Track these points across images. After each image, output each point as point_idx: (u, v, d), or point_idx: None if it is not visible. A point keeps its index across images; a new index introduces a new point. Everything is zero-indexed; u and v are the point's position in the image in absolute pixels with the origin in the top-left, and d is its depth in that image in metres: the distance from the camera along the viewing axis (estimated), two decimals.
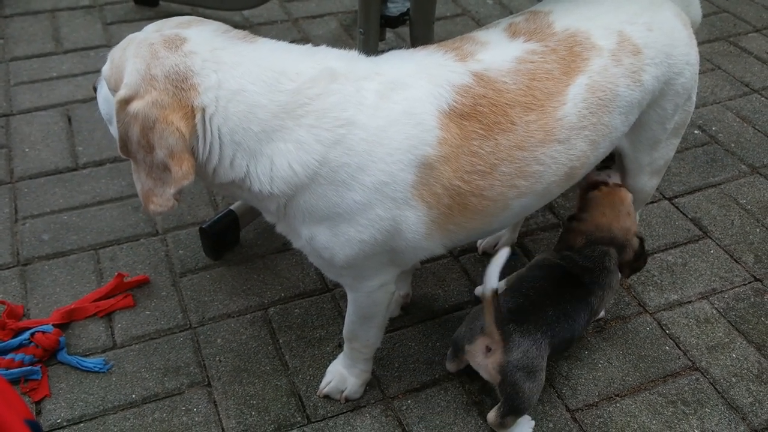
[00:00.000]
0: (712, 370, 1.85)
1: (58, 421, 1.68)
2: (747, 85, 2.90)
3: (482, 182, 1.35)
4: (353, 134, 1.26)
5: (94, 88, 1.46)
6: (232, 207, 2.11)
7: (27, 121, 2.56)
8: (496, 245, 2.14)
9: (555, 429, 1.71)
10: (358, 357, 1.70)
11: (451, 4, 3.39)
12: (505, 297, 1.61)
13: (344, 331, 1.66)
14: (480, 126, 1.32)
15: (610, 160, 1.75)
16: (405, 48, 1.47)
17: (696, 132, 2.66)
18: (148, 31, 1.33)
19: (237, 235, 2.15)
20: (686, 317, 1.98)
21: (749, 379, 1.83)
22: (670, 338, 1.93)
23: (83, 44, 2.97)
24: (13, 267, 2.04)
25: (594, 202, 1.74)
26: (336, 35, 3.12)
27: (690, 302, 2.03)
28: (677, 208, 2.34)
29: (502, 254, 1.45)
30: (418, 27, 2.14)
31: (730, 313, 1.99)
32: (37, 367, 1.76)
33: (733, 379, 1.83)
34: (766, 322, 1.97)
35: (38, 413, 1.69)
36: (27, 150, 2.45)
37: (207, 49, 1.26)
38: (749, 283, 2.09)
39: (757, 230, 2.26)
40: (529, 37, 1.43)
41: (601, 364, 1.86)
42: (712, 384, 1.82)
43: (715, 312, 2.00)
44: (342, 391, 1.73)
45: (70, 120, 2.58)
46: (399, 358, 1.86)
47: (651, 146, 1.69)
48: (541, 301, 1.60)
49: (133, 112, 1.24)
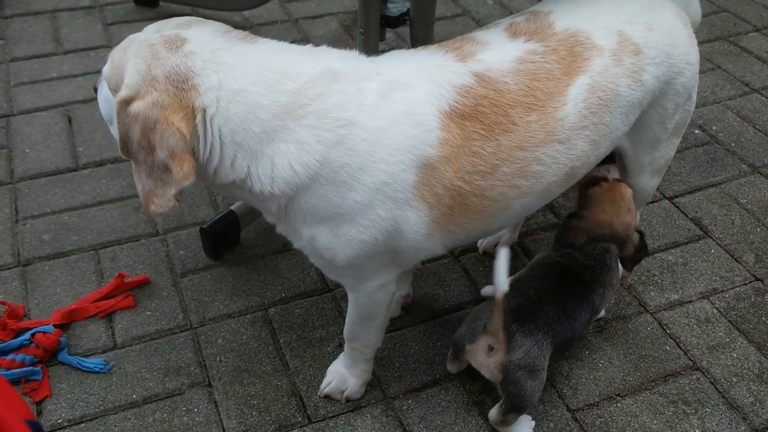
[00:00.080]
0: (712, 370, 1.85)
1: (59, 421, 1.68)
2: (747, 85, 2.90)
3: (483, 182, 1.35)
4: (354, 134, 1.26)
5: (95, 88, 1.46)
6: (232, 207, 2.11)
7: (27, 122, 2.56)
8: (497, 245, 2.14)
9: (556, 429, 1.71)
10: (358, 357, 1.70)
11: (451, 4, 3.39)
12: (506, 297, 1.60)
13: (345, 331, 1.66)
14: (481, 126, 1.32)
15: (610, 159, 1.74)
16: (405, 48, 1.47)
17: (696, 132, 2.66)
18: (149, 32, 1.33)
19: (237, 235, 2.15)
20: (687, 317, 1.98)
21: (750, 379, 1.83)
22: (671, 338, 1.93)
23: (83, 45, 2.97)
24: (13, 267, 2.04)
25: (594, 198, 1.73)
26: (336, 35, 3.12)
27: (690, 302, 2.03)
28: (678, 207, 2.34)
29: (503, 255, 1.45)
30: (418, 27, 2.14)
31: (731, 313, 1.99)
32: (38, 368, 1.76)
33: (734, 379, 1.83)
34: (767, 322, 1.97)
35: (39, 413, 1.69)
36: (27, 150, 2.45)
37: (208, 50, 1.26)
38: (750, 282, 2.09)
39: (758, 230, 2.26)
40: (530, 37, 1.43)
41: (601, 363, 1.86)
42: (712, 384, 1.82)
43: (715, 312, 2.00)
44: (343, 391, 1.73)
45: (70, 120, 2.58)
46: (400, 358, 1.86)
47: (652, 146, 1.69)
48: (542, 300, 1.60)
49: (133, 113, 1.24)
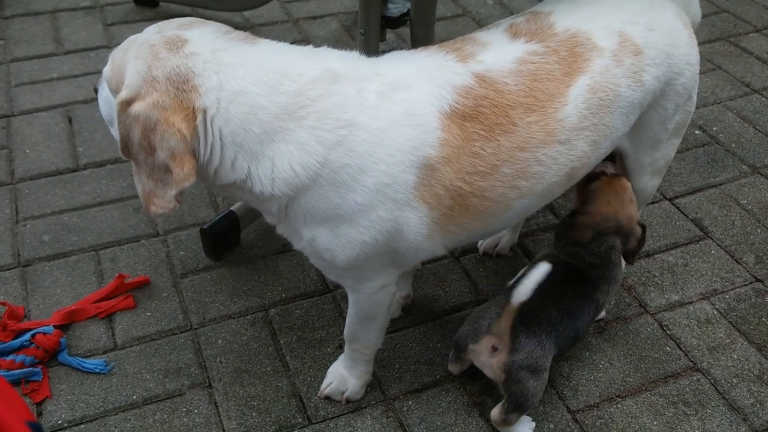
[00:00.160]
0: (713, 371, 1.85)
1: (59, 422, 1.68)
2: (747, 86, 2.90)
3: (483, 183, 1.35)
4: (354, 135, 1.26)
5: (95, 89, 1.46)
6: (232, 208, 2.11)
7: (28, 122, 2.56)
8: (497, 246, 2.14)
9: (556, 430, 1.71)
10: (359, 358, 1.70)
11: (451, 4, 3.39)
12: (508, 297, 1.60)
13: (345, 332, 1.66)
14: (481, 127, 1.32)
15: (610, 159, 1.74)
16: (406, 49, 1.47)
17: (697, 132, 2.66)
18: (149, 33, 1.33)
19: (238, 236, 2.15)
20: (687, 318, 1.98)
21: (750, 380, 1.83)
22: (671, 339, 1.92)
23: (84, 45, 2.97)
24: (13, 268, 2.04)
25: (596, 192, 1.73)
26: (336, 36, 3.12)
27: (691, 303, 2.03)
28: (678, 208, 2.34)
29: (543, 269, 1.48)
30: (418, 27, 2.14)
31: (731, 314, 1.99)
32: (38, 369, 1.76)
33: (734, 380, 1.83)
34: (767, 323, 1.97)
35: (39, 414, 1.69)
36: (28, 151, 2.45)
37: (208, 51, 1.26)
38: (750, 283, 2.09)
39: (758, 230, 2.26)
40: (530, 38, 1.43)
41: (602, 364, 1.86)
42: (713, 385, 1.81)
43: (716, 312, 2.00)
44: (343, 392, 1.73)
45: (70, 121, 2.58)
46: (400, 359, 1.86)
47: (652, 146, 1.69)
48: (545, 301, 1.60)
49: (134, 114, 1.24)
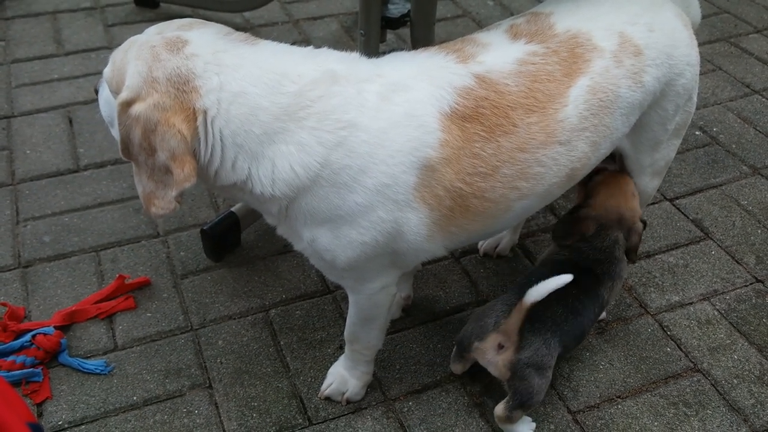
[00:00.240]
0: (713, 372, 1.85)
1: (60, 423, 1.68)
2: (748, 86, 2.90)
3: (484, 184, 1.35)
4: (355, 136, 1.26)
5: (96, 90, 1.46)
6: (233, 209, 2.11)
7: (28, 123, 2.57)
8: (498, 247, 2.14)
9: (556, 430, 1.71)
10: (359, 359, 1.70)
11: (451, 5, 3.39)
12: (514, 295, 1.61)
13: (345, 332, 1.66)
14: (482, 128, 1.32)
15: (610, 159, 1.74)
16: (406, 49, 1.47)
17: (697, 133, 2.66)
18: (150, 34, 1.33)
19: (238, 237, 2.15)
20: (687, 318, 1.98)
21: (751, 381, 1.83)
22: (672, 340, 1.92)
23: (84, 46, 2.97)
24: (14, 269, 2.04)
25: (599, 185, 1.74)
26: (337, 37, 3.12)
27: (691, 303, 2.03)
28: (678, 209, 2.34)
29: (564, 279, 1.49)
30: (418, 28, 2.14)
31: (732, 315, 1.99)
32: (39, 369, 1.76)
33: (735, 381, 1.83)
34: None
35: (39, 415, 1.69)
36: (28, 152, 2.45)
37: (209, 52, 1.26)
38: (751, 284, 2.09)
39: (759, 231, 2.26)
40: (531, 39, 1.43)
41: (602, 365, 1.86)
42: (713, 385, 1.81)
43: (716, 313, 1.99)
44: (343, 393, 1.73)
45: (71, 122, 2.58)
46: (400, 359, 1.86)
47: (652, 147, 1.69)
48: (550, 299, 1.60)
49: (134, 115, 1.24)
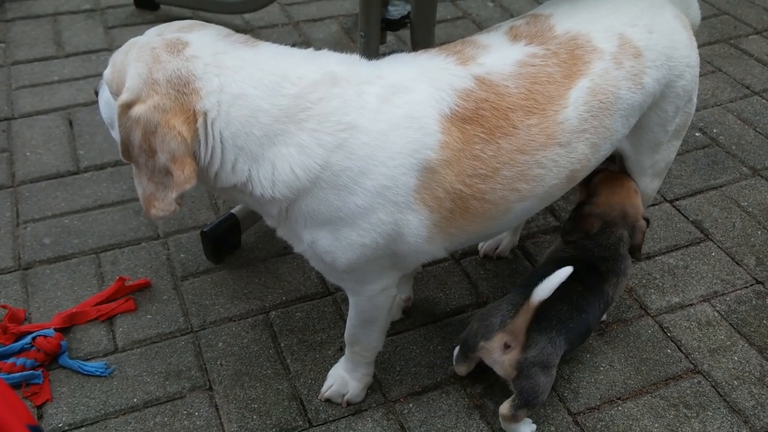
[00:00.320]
0: (713, 373, 1.84)
1: (60, 425, 1.68)
2: (748, 88, 2.90)
3: (484, 186, 1.35)
4: (355, 138, 1.26)
5: (96, 92, 1.46)
6: (233, 211, 2.11)
7: (28, 125, 2.57)
8: (498, 248, 2.14)
9: None
10: (359, 360, 1.69)
11: (451, 7, 3.39)
12: (519, 294, 1.61)
13: (346, 334, 1.66)
14: (482, 130, 1.32)
15: (610, 161, 1.75)
16: (406, 51, 1.47)
17: (697, 134, 2.66)
18: (150, 35, 1.33)
19: (238, 238, 2.15)
20: (688, 320, 1.98)
21: (751, 382, 1.82)
22: (672, 341, 1.92)
23: (85, 48, 2.98)
24: (14, 271, 2.04)
25: (603, 183, 1.74)
26: (337, 38, 3.12)
27: (691, 305, 2.02)
28: (678, 210, 2.34)
29: (565, 272, 1.49)
30: (418, 30, 2.15)
31: (732, 316, 1.99)
32: (39, 371, 1.76)
33: (735, 382, 1.82)
34: None
35: (40, 417, 1.69)
36: (28, 154, 2.45)
37: (209, 53, 1.26)
38: (751, 285, 2.09)
39: (759, 232, 2.26)
40: (531, 41, 1.43)
41: (602, 367, 1.86)
42: (713, 387, 1.81)
43: (716, 315, 1.99)
44: (343, 395, 1.73)
45: (71, 124, 2.58)
46: (400, 361, 1.86)
47: (652, 148, 1.69)
48: (554, 297, 1.60)
49: (135, 117, 1.24)
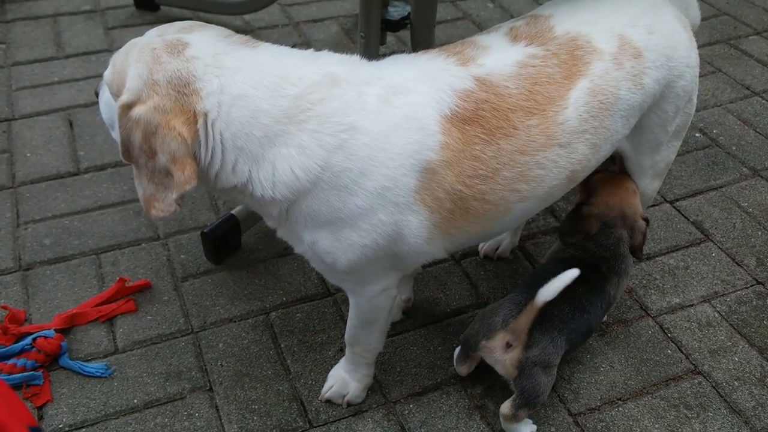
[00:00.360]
0: (714, 374, 1.84)
1: (60, 426, 1.68)
2: (748, 88, 2.90)
3: (484, 186, 1.35)
4: (355, 139, 1.26)
5: (96, 92, 1.47)
6: (233, 211, 2.11)
7: (29, 126, 2.57)
8: (498, 249, 2.14)
9: None
10: (360, 361, 1.69)
11: (451, 7, 3.39)
12: (522, 294, 1.61)
13: (346, 335, 1.66)
14: (482, 130, 1.32)
15: (610, 161, 1.75)
16: (406, 52, 1.47)
17: (697, 135, 2.66)
18: (151, 36, 1.33)
19: (238, 239, 2.15)
20: (688, 321, 1.98)
21: (752, 383, 1.82)
22: (672, 342, 1.92)
23: (85, 49, 2.98)
24: (14, 272, 2.04)
25: (601, 183, 1.75)
26: (337, 39, 3.12)
27: (692, 305, 2.02)
28: (678, 211, 2.34)
29: (571, 274, 1.49)
30: (418, 31, 2.15)
31: (732, 317, 1.99)
32: (39, 372, 1.76)
33: (736, 383, 1.82)
34: None
35: (40, 418, 1.69)
36: (29, 155, 2.45)
37: (209, 54, 1.26)
38: (751, 286, 2.09)
39: (759, 233, 2.26)
40: (531, 41, 1.43)
41: (603, 367, 1.86)
42: (714, 388, 1.81)
43: (717, 315, 1.99)
44: (344, 396, 1.73)
45: (71, 125, 2.58)
46: (401, 362, 1.86)
47: (652, 149, 1.69)
48: (556, 297, 1.60)
49: (135, 117, 1.24)
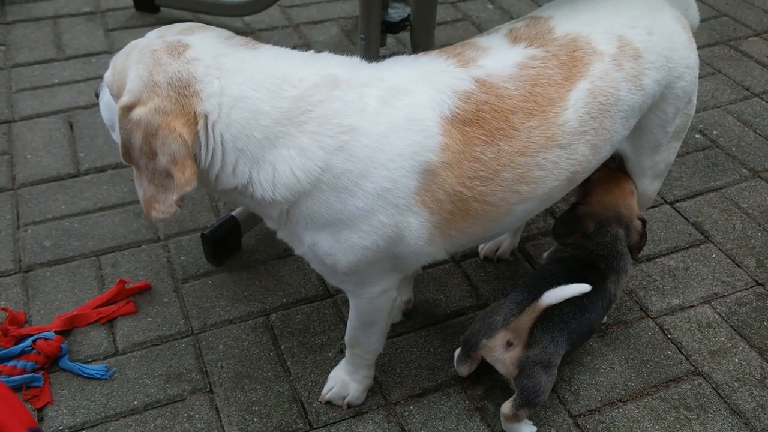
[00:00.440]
0: (714, 375, 1.84)
1: (60, 428, 1.68)
2: (747, 89, 2.90)
3: (484, 188, 1.35)
4: (356, 141, 1.26)
5: (96, 94, 1.47)
6: (233, 213, 2.11)
7: (29, 128, 2.57)
8: (498, 250, 2.14)
9: None
10: (360, 363, 1.69)
11: (451, 9, 3.40)
12: (523, 294, 1.61)
13: (346, 336, 1.66)
14: (482, 132, 1.32)
15: (609, 160, 1.75)
16: (406, 54, 1.47)
17: (697, 136, 2.66)
18: (151, 38, 1.33)
19: (239, 241, 2.15)
20: (688, 322, 1.98)
21: (752, 384, 1.82)
22: (672, 343, 1.92)
23: (85, 50, 2.98)
24: (14, 274, 2.04)
25: (597, 182, 1.75)
26: (337, 41, 3.12)
27: (692, 307, 2.02)
28: (678, 212, 2.34)
29: (581, 288, 1.51)
30: (418, 32, 2.15)
31: (732, 318, 1.99)
32: (39, 374, 1.76)
33: (736, 384, 1.82)
34: None
35: (40, 420, 1.69)
36: (29, 156, 2.45)
37: (210, 56, 1.26)
38: (751, 287, 2.09)
39: (759, 234, 2.26)
40: (530, 43, 1.43)
41: (603, 369, 1.86)
42: (714, 389, 1.81)
43: (717, 316, 1.99)
44: (344, 397, 1.73)
45: (71, 126, 2.58)
46: (401, 363, 1.86)
47: (652, 150, 1.69)
48: None
49: (135, 119, 1.24)
